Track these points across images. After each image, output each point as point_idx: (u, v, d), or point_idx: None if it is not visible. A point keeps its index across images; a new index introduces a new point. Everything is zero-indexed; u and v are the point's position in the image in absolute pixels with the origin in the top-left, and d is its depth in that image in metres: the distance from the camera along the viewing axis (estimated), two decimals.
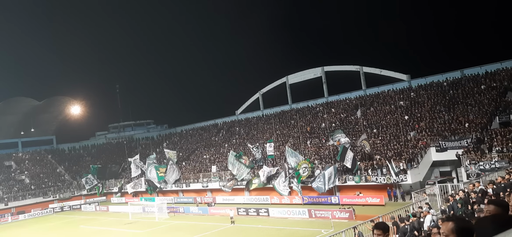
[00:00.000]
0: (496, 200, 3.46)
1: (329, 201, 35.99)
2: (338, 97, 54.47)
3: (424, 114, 40.39)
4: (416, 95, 44.81)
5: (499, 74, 40.58)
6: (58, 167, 69.35)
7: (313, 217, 32.24)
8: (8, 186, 60.59)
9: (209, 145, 61.15)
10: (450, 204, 15.98)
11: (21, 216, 54.53)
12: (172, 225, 37.62)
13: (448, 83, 43.88)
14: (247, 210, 37.60)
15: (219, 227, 33.63)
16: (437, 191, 22.62)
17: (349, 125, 45.97)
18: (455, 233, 2.51)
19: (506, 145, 29.47)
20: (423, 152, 35.15)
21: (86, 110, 76.93)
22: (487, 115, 35.06)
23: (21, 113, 73.30)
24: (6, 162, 67.62)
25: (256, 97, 65.58)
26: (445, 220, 2.71)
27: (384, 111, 45.02)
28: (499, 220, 2.40)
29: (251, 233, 30.94)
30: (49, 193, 60.82)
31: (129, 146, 71.89)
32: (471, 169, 28.86)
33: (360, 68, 53.95)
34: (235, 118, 66.43)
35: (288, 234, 28.86)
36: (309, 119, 52.43)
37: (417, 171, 33.91)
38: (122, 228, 38.82)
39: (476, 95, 39.03)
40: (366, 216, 24.51)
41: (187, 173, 54.36)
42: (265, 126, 57.08)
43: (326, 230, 26.46)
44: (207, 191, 49.62)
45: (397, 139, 38.48)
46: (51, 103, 75.14)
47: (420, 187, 32.23)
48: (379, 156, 37.20)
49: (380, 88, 50.71)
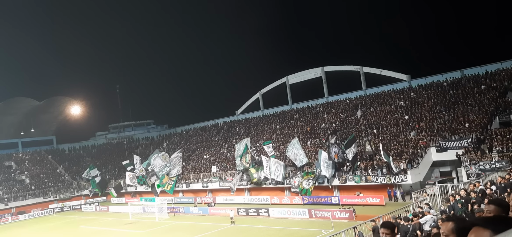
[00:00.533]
0: (497, 200, 3.45)
1: (329, 201, 35.99)
2: (338, 97, 54.45)
3: (424, 114, 40.38)
4: (416, 95, 44.80)
5: (499, 74, 40.57)
6: (58, 167, 69.38)
7: (313, 217, 32.23)
8: (8, 187, 60.61)
9: (209, 145, 61.17)
10: (451, 204, 15.96)
11: (21, 216, 54.54)
12: (172, 225, 37.62)
13: (448, 83, 43.86)
14: (247, 210, 37.60)
15: (219, 227, 33.62)
16: (437, 191, 22.63)
17: (349, 125, 45.97)
18: (454, 233, 2.51)
19: (506, 145, 29.47)
20: (423, 152, 35.14)
21: (86, 110, 77.07)
22: (487, 115, 35.05)
23: (21, 113, 73.36)
24: (6, 163, 67.65)
25: (256, 97, 65.58)
26: (445, 220, 2.71)
27: (384, 111, 45.02)
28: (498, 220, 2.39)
29: (251, 233, 30.93)
30: (49, 193, 60.85)
31: (129, 146, 71.90)
32: (471, 169, 28.85)
33: (360, 68, 53.94)
34: (235, 118, 66.43)
35: (288, 234, 28.85)
36: (309, 119, 52.43)
37: (417, 171, 33.90)
38: (122, 229, 38.82)
39: (476, 95, 39.02)
40: (366, 216, 24.49)
41: (187, 173, 54.35)
42: (265, 126, 57.09)
43: (326, 230, 26.45)
44: (207, 191, 49.62)
45: (397, 139, 38.47)
46: (51, 103, 75.21)
47: (420, 187, 32.24)
48: (379, 156, 37.20)
49: (380, 88, 50.69)
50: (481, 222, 2.15)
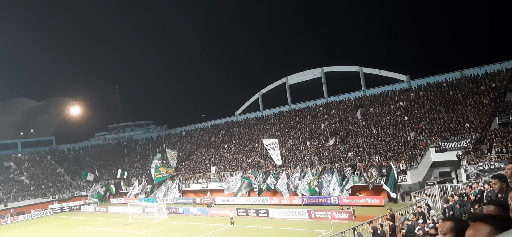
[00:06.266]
0: (497, 200, 3.45)
1: (329, 201, 35.96)
2: (338, 97, 54.43)
3: (423, 115, 40.38)
4: (416, 95, 44.80)
5: (499, 75, 40.58)
6: (57, 168, 69.30)
7: (313, 217, 32.21)
8: (7, 187, 60.53)
9: (208, 145, 61.15)
10: (450, 205, 15.97)
11: (20, 217, 54.45)
12: (171, 226, 37.59)
13: (448, 84, 43.86)
14: (247, 211, 37.58)
15: (219, 227, 33.61)
16: (437, 191, 22.62)
17: (349, 125, 45.98)
18: (453, 232, 2.50)
19: (505, 145, 29.49)
20: (422, 153, 35.14)
21: (86, 111, 77.00)
22: (487, 116, 35.06)
23: (21, 113, 73.30)
24: (5, 163, 67.57)
25: (255, 98, 65.57)
26: (444, 220, 2.71)
27: (383, 111, 45.02)
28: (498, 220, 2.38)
29: (251, 233, 30.90)
30: (49, 193, 60.77)
31: (128, 147, 71.87)
32: (471, 170, 28.87)
33: (360, 69, 53.94)
34: (234, 119, 66.41)
35: (288, 234, 28.83)
36: (309, 120, 52.42)
37: (416, 171, 33.90)
38: (121, 229, 38.79)
39: (475, 95, 39.03)
40: (366, 216, 24.47)
41: (186, 173, 54.34)
42: (265, 126, 57.08)
43: (325, 230, 26.45)
44: (206, 192, 49.59)
45: (396, 140, 38.47)
46: (50, 103, 75.16)
47: (419, 187, 32.21)
48: (378, 157, 37.21)
49: (379, 89, 50.67)
50: (482, 217, 2.15)
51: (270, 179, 40.62)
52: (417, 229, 15.23)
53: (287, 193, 38.90)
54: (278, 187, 39.47)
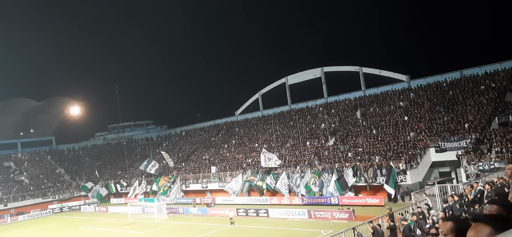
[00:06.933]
0: (499, 200, 3.44)
1: (329, 201, 35.96)
2: (338, 97, 54.43)
3: (423, 115, 40.39)
4: (416, 95, 44.81)
5: (499, 75, 40.60)
6: (57, 168, 69.30)
7: (313, 217, 32.22)
8: (7, 187, 60.52)
9: (208, 145, 61.14)
10: (450, 205, 15.97)
11: (20, 217, 54.45)
12: (171, 226, 37.59)
13: (448, 84, 43.88)
14: (247, 211, 37.58)
15: (219, 227, 33.61)
16: (437, 191, 22.63)
17: (349, 125, 45.98)
18: (454, 232, 2.50)
19: (505, 145, 29.50)
20: (422, 153, 35.14)
21: (86, 111, 77.01)
22: (487, 116, 35.07)
23: (21, 113, 73.29)
24: (5, 163, 67.55)
25: (255, 98, 65.56)
26: (444, 220, 2.71)
27: (383, 111, 45.03)
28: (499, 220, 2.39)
29: (250, 233, 30.91)
30: (49, 194, 60.77)
31: (128, 147, 71.83)
32: (471, 170, 28.87)
33: (360, 69, 53.95)
34: (234, 119, 66.41)
35: (288, 234, 28.83)
36: (309, 120, 52.42)
37: (416, 171, 33.90)
38: (121, 229, 38.79)
39: (475, 95, 39.04)
40: (366, 216, 24.47)
41: (186, 173, 54.33)
42: (265, 126, 57.07)
43: (325, 230, 26.45)
44: (206, 192, 49.57)
45: (396, 140, 38.47)
46: (50, 103, 75.15)
47: (419, 187, 32.21)
48: (378, 157, 37.20)
49: (379, 89, 50.67)
50: (483, 218, 2.15)
51: (270, 179, 40.59)
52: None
53: (287, 193, 38.92)
54: (278, 187, 39.47)
